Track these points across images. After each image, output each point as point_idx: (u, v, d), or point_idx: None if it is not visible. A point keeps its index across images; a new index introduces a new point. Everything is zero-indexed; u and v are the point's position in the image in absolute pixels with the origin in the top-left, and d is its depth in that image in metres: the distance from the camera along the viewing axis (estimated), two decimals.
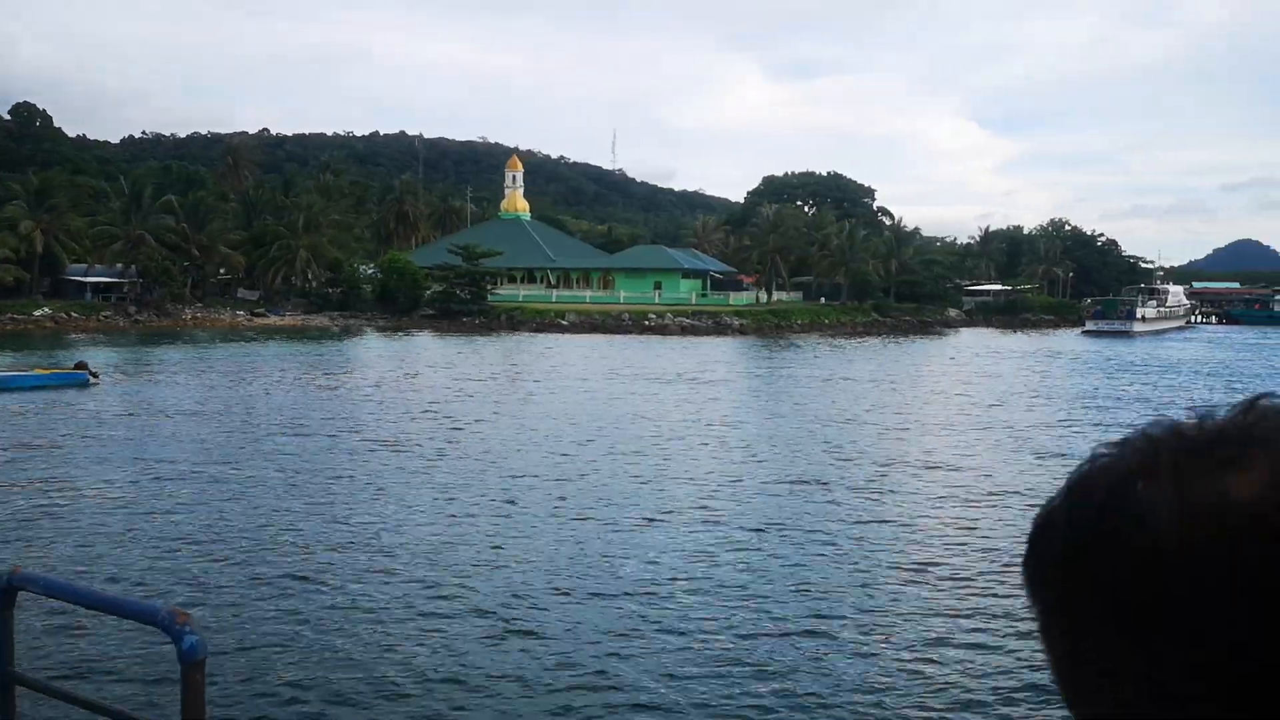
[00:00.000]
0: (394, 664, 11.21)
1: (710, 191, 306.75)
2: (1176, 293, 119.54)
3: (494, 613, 12.93)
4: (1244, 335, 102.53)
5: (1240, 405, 0.60)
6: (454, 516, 18.36)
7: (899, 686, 10.95)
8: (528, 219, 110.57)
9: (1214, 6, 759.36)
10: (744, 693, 10.59)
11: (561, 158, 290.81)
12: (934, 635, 12.50)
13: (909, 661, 11.65)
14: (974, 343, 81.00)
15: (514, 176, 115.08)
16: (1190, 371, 58.02)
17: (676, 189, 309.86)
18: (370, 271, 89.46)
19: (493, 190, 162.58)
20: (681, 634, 12.28)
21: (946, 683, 11.08)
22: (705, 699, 10.41)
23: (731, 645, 11.97)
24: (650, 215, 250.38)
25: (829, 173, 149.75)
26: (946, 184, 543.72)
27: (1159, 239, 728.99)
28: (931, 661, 11.69)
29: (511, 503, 19.50)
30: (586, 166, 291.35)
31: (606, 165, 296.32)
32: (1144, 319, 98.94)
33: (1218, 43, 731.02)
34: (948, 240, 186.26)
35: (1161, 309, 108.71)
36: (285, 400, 35.40)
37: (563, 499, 19.83)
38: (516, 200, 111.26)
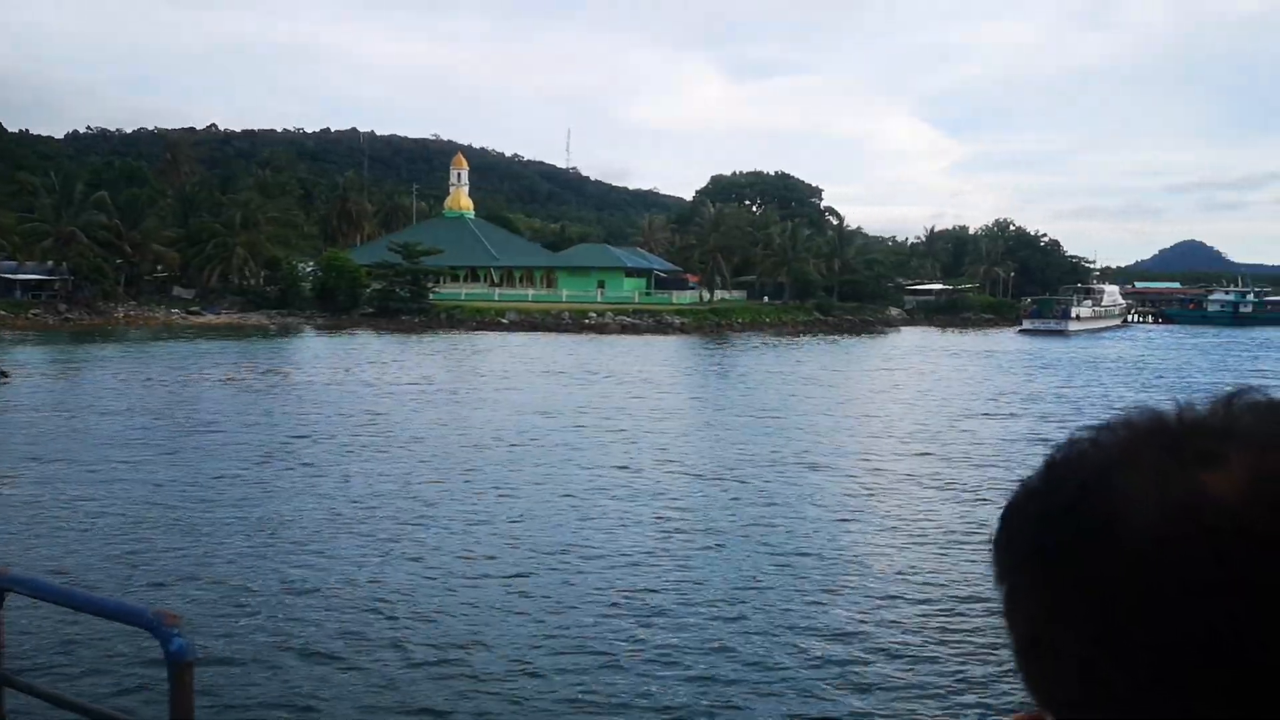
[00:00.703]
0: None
1: (665, 190, 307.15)
2: (1112, 292, 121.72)
3: (434, 615, 13.12)
4: (1175, 334, 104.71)
5: (1221, 398, 0.59)
6: (349, 511, 18.53)
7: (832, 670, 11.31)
8: (472, 217, 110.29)
9: (1156, 10, 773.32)
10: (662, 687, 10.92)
11: (515, 156, 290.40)
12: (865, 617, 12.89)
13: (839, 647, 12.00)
14: (911, 341, 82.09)
15: (459, 174, 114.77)
16: (1109, 368, 59.27)
17: (631, 188, 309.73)
18: (309, 270, 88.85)
19: (446, 188, 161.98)
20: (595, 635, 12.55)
21: (883, 671, 11.47)
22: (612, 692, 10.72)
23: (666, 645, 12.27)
24: (604, 214, 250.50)
25: (776, 172, 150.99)
26: (899, 184, 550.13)
27: (1107, 240, 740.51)
28: (866, 646, 12.08)
29: (415, 498, 19.72)
30: (540, 165, 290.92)
31: (561, 164, 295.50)
32: (1079, 318, 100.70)
33: (1160, 46, 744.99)
34: (896, 240, 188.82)
35: (1097, 308, 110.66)
36: (197, 397, 35.24)
37: (453, 496, 20.09)
38: (460, 198, 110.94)
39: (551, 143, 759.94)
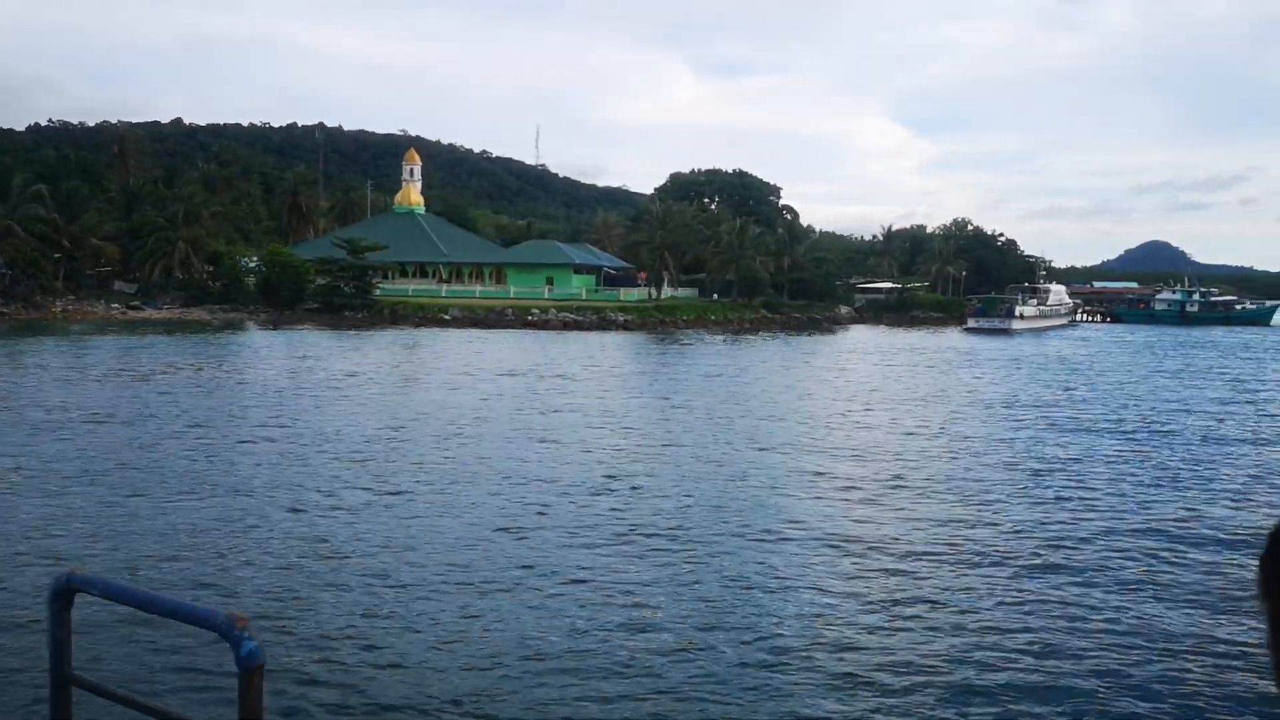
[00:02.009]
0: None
1: (634, 188, 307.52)
2: (1059, 292, 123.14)
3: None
4: (1118, 333, 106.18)
5: None
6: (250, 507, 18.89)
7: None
8: (422, 213, 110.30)
9: (1124, 12, 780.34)
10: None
11: (484, 152, 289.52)
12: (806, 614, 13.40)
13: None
14: (855, 340, 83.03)
15: (411, 170, 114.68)
16: (1031, 366, 60.27)
17: (600, 185, 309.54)
18: (253, 265, 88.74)
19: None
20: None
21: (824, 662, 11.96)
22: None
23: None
24: (572, 211, 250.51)
25: (734, 170, 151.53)
26: (872, 183, 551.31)
27: (1074, 240, 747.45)
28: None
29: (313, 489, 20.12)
30: (509, 161, 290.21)
31: (530, 160, 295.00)
32: (1022, 317, 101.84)
33: (1127, 48, 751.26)
34: (857, 238, 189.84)
35: (1042, 307, 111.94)
36: (113, 393, 35.38)
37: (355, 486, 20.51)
38: (411, 194, 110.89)
39: (521, 139, 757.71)
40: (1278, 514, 21.48)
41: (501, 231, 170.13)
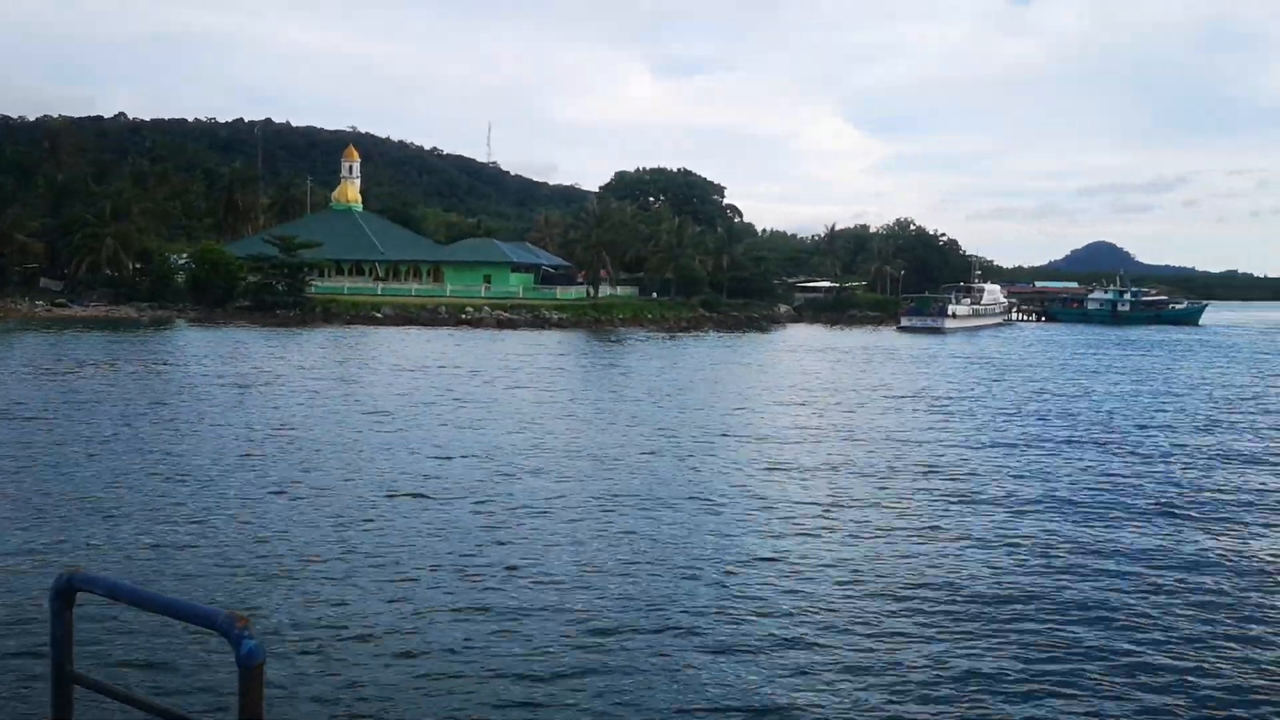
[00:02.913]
0: None
1: (587, 186, 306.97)
2: (993, 291, 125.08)
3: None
4: (1049, 331, 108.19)
5: None
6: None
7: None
8: (360, 210, 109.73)
9: (1071, 17, 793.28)
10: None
11: (435, 149, 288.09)
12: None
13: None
14: (790, 338, 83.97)
15: (350, 167, 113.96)
16: (949, 362, 61.46)
17: (553, 184, 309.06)
18: (183, 262, 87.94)
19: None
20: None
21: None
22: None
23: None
24: (525, 210, 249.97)
25: (679, 169, 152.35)
26: (824, 183, 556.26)
27: (1022, 240, 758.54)
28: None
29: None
30: (459, 159, 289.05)
31: (482, 158, 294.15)
32: (955, 316, 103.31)
33: (1075, 52, 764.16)
34: (807, 238, 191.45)
35: (976, 307, 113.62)
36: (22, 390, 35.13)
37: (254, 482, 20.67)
38: (349, 190, 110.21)
39: (473, 137, 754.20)
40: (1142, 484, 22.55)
41: (451, 229, 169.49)
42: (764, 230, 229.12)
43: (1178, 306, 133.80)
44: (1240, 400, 43.64)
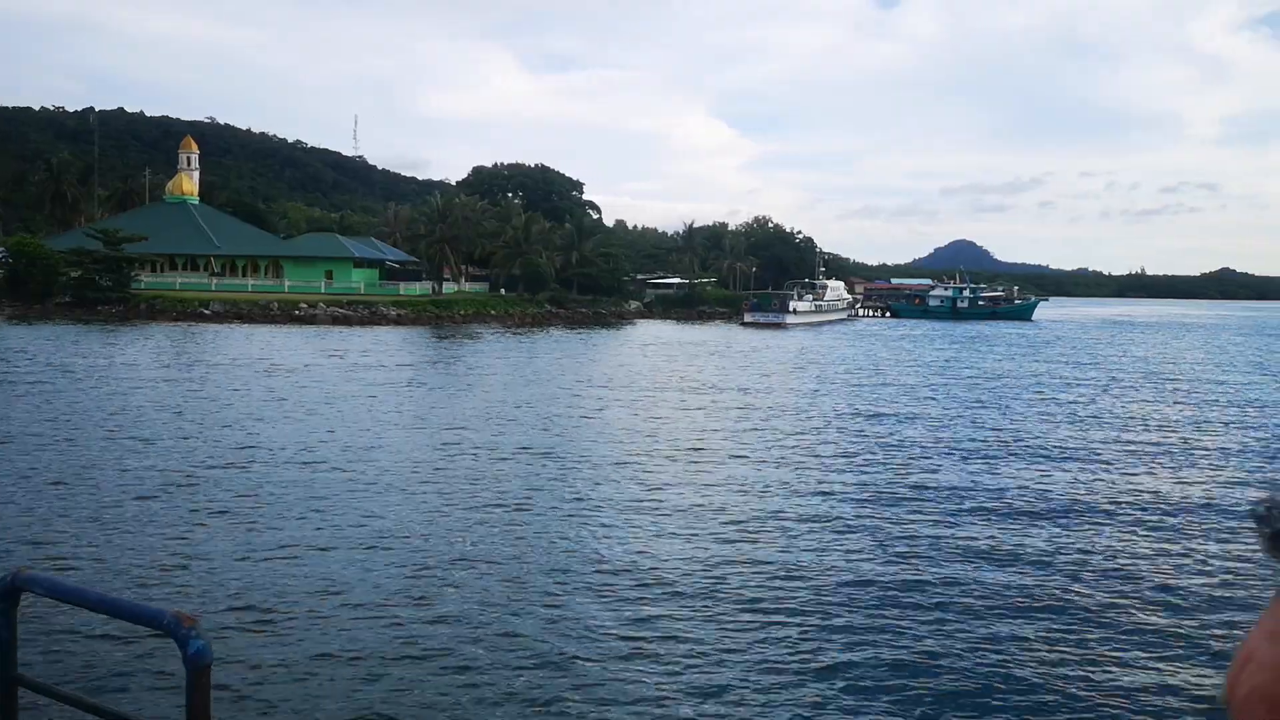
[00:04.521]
0: None
1: (456, 180, 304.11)
2: (836, 288, 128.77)
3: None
4: (889, 326, 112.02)
5: None
6: None
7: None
8: (195, 203, 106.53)
9: (934, 23, 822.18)
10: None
11: (298, 142, 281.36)
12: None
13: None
14: (636, 334, 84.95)
15: (188, 158, 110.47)
16: (768, 355, 63.19)
17: (422, 178, 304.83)
18: None
19: (213, 172, 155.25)
20: None
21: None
22: None
23: None
24: (392, 205, 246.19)
25: (537, 165, 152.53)
26: (697, 180, 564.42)
27: (889, 238, 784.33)
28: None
29: None
30: (325, 152, 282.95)
31: (348, 152, 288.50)
32: (796, 312, 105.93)
33: (937, 56, 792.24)
34: (673, 234, 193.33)
35: (819, 303, 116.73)
36: None
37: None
38: (184, 182, 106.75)
39: (339, 130, 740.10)
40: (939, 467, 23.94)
41: (313, 224, 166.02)
42: (635, 226, 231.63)
43: (1015, 303, 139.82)
44: (1011, 386, 46.01)
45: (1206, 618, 14.19)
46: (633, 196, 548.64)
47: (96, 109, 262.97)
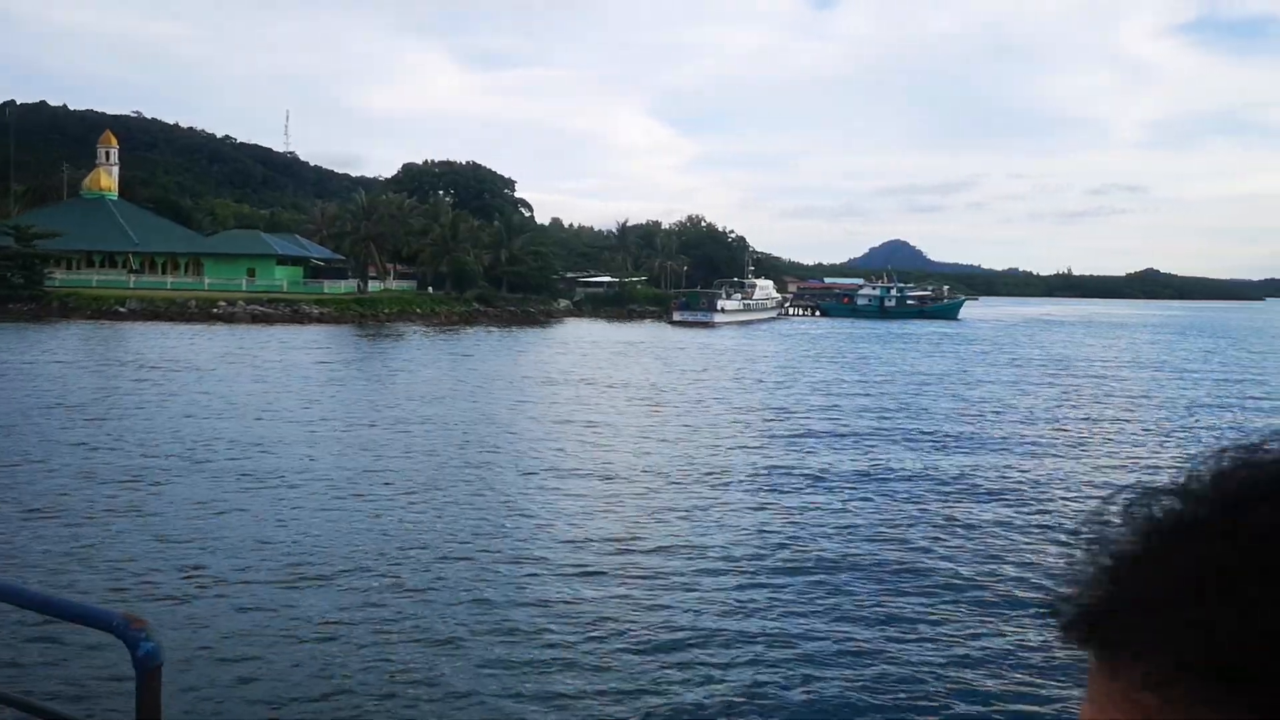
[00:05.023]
0: None
1: (389, 177, 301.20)
2: (765, 286, 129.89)
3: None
4: (817, 325, 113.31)
5: None
6: None
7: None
8: (115, 198, 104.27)
9: (868, 25, 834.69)
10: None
11: (228, 137, 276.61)
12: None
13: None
14: (564, 333, 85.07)
15: (107, 153, 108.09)
16: (693, 354, 63.80)
17: (355, 175, 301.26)
18: None
19: (138, 168, 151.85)
20: None
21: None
22: None
23: None
24: (324, 202, 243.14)
25: (469, 162, 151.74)
26: (635, 180, 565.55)
27: (826, 237, 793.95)
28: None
29: None
30: (255, 148, 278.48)
31: (279, 148, 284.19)
32: (724, 311, 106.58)
33: (871, 58, 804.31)
34: (600, 232, 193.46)
35: (747, 302, 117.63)
36: None
37: None
38: (102, 178, 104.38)
39: (271, 126, 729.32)
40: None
41: (242, 221, 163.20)
42: (572, 225, 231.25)
43: (942, 302, 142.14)
44: (919, 381, 46.88)
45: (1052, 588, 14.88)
46: (570, 195, 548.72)
47: (18, 102, 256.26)
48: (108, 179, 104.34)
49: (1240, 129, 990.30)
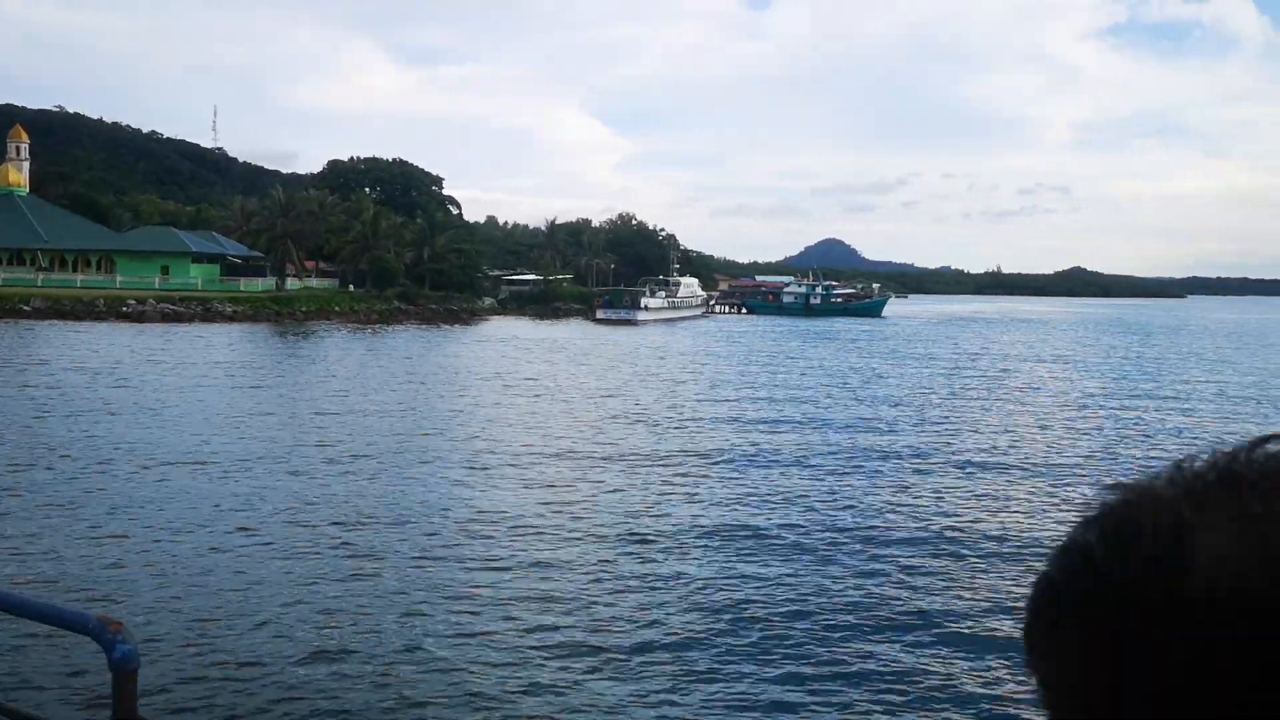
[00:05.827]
0: None
1: (315, 173, 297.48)
2: (690, 284, 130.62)
3: None
4: (740, 323, 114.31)
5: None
6: None
7: None
8: (24, 194, 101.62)
9: (800, 24, 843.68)
10: None
11: (153, 132, 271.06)
12: None
13: None
14: (485, 331, 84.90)
15: (17, 148, 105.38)
16: (610, 350, 64.27)
17: (286, 171, 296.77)
18: None
19: (58, 163, 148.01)
20: None
21: None
22: None
23: None
24: (239, 198, 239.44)
25: (395, 159, 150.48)
26: (571, 178, 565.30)
27: (762, 236, 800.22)
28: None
29: None
30: (182, 144, 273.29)
31: (207, 143, 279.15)
32: (648, 309, 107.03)
33: (805, 57, 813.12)
34: (531, 229, 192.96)
35: (672, 299, 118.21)
36: None
37: None
38: (10, 173, 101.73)
39: (198, 121, 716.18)
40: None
41: (167, 218, 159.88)
42: (507, 223, 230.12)
43: (866, 300, 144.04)
44: (827, 374, 47.70)
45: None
46: (508, 194, 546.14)
47: None
48: (17, 174, 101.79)
49: (1165, 131, 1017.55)
